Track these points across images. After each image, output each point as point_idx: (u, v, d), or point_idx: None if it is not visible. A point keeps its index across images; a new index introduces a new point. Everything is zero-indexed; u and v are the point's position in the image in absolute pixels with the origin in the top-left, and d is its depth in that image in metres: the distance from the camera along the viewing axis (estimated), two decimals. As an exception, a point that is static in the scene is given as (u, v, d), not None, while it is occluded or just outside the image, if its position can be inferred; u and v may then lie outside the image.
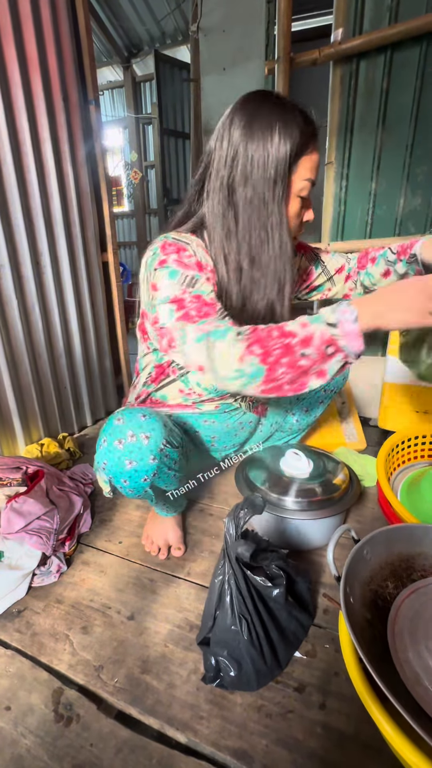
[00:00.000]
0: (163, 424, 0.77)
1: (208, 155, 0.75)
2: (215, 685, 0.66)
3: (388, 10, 1.36)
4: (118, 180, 4.83)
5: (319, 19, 2.60)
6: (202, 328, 0.66)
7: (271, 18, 1.78)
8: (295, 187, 0.72)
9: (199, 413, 0.96)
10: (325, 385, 0.99)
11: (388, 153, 1.49)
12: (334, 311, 0.58)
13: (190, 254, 0.73)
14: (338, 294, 1.02)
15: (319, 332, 0.58)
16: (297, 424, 1.11)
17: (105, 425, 0.77)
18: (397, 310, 0.57)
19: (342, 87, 1.49)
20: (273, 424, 1.13)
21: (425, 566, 0.69)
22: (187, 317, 0.68)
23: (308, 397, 1.05)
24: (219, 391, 0.91)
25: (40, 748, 0.60)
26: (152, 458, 0.73)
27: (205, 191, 0.77)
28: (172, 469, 0.80)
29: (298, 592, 0.75)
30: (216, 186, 0.73)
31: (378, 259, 0.91)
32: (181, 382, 0.90)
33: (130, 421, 0.73)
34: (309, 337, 0.58)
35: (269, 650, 0.66)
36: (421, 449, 1.16)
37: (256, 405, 1.07)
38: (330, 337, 0.57)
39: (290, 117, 0.68)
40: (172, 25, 3.88)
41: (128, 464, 0.72)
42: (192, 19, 2.24)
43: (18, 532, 0.87)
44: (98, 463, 0.76)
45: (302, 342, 0.58)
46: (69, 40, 1.32)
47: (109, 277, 1.67)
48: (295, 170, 0.71)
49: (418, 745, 0.43)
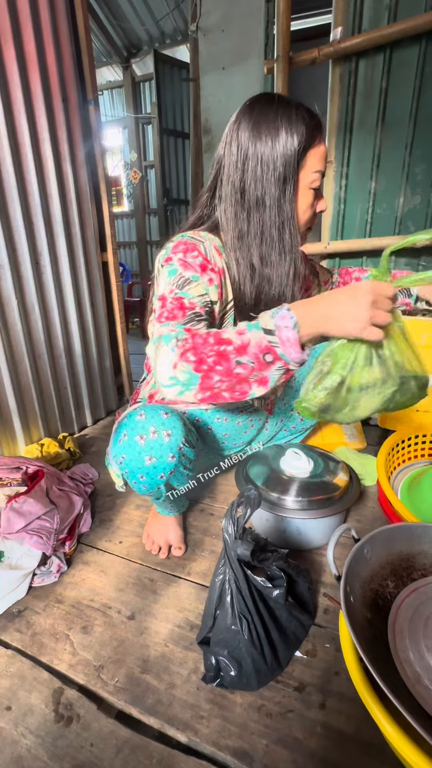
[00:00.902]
0: (183, 422, 0.78)
1: (218, 162, 0.77)
2: (215, 685, 0.66)
3: (387, 9, 1.36)
4: (117, 180, 4.83)
5: (318, 18, 2.60)
6: (160, 330, 0.67)
7: (270, 17, 1.78)
8: (306, 180, 0.73)
9: (213, 408, 0.96)
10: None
11: (388, 152, 1.49)
12: (273, 316, 0.57)
13: (196, 254, 0.73)
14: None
15: (255, 340, 0.56)
16: (301, 424, 1.11)
17: (125, 420, 0.78)
18: (339, 318, 0.55)
19: (341, 86, 1.48)
20: (278, 423, 1.13)
21: (426, 565, 0.69)
22: (159, 317, 0.69)
23: None
24: None
25: (41, 748, 0.60)
26: (171, 456, 0.74)
27: (216, 196, 0.79)
28: (187, 468, 0.80)
29: (298, 592, 0.75)
30: (228, 190, 0.75)
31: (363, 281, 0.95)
32: None
33: (152, 418, 0.74)
34: (245, 345, 0.57)
35: (270, 650, 0.66)
36: (421, 448, 1.16)
37: (266, 401, 1.07)
38: (267, 345, 0.56)
39: (294, 113, 0.70)
40: (171, 25, 3.88)
41: (147, 460, 0.73)
42: (191, 19, 2.24)
43: (18, 532, 0.87)
44: (116, 456, 0.77)
45: (238, 350, 0.57)
46: (68, 40, 1.32)
47: (108, 277, 1.67)
48: (303, 164, 0.72)
49: (419, 744, 0.43)
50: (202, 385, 0.59)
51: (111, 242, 1.62)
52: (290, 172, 0.71)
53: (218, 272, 0.76)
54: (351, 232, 1.63)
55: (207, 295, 0.72)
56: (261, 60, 1.66)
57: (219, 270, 0.76)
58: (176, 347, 0.61)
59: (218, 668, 0.66)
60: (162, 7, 3.69)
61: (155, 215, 4.54)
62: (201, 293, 0.71)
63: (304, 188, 0.74)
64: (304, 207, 0.75)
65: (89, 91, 1.45)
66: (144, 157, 4.59)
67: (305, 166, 0.72)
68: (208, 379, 0.58)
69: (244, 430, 1.05)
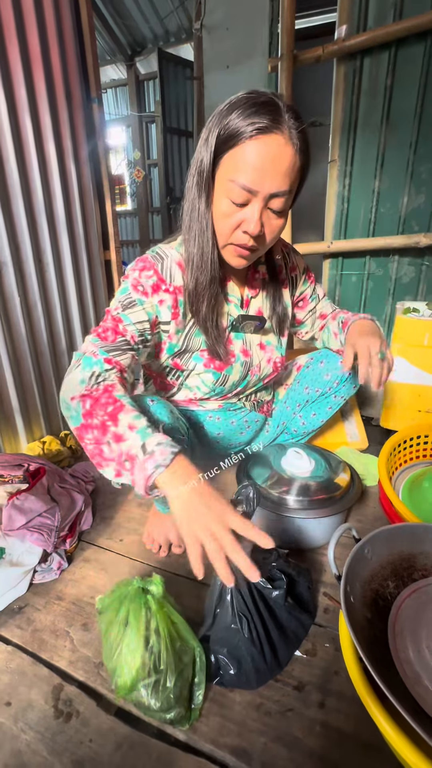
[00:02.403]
0: (170, 411, 0.80)
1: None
2: (215, 683, 0.66)
3: (392, 7, 1.35)
4: (120, 178, 4.83)
5: (322, 16, 2.59)
6: (88, 345, 0.70)
7: (275, 15, 1.77)
8: (221, 188, 0.68)
9: (203, 410, 0.97)
10: (335, 390, 1.01)
11: (392, 151, 1.48)
12: (160, 443, 0.57)
13: (151, 273, 0.76)
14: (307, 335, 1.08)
15: (130, 443, 0.58)
16: (303, 427, 1.11)
17: None
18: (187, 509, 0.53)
19: (345, 84, 1.48)
20: (279, 426, 1.13)
21: (426, 566, 0.69)
22: (95, 328, 0.73)
23: (316, 402, 1.05)
24: (218, 392, 0.92)
25: (40, 743, 0.60)
26: None
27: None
28: None
29: (298, 592, 0.75)
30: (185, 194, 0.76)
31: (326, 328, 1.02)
32: (185, 390, 0.93)
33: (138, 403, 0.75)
34: (120, 437, 0.59)
35: (269, 649, 0.66)
36: (423, 449, 1.16)
37: (261, 405, 1.07)
38: (131, 456, 0.57)
39: (228, 111, 0.65)
40: (175, 23, 3.87)
41: None
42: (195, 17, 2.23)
43: (19, 529, 0.87)
44: None
45: (114, 435, 0.59)
46: (72, 38, 1.32)
47: (111, 275, 1.67)
48: (218, 168, 0.68)
49: (418, 744, 0.43)
50: (79, 429, 0.64)
51: (114, 240, 1.62)
52: (204, 175, 0.69)
53: (174, 291, 0.77)
54: (354, 231, 1.63)
55: (147, 321, 0.75)
56: (265, 58, 1.66)
57: (176, 288, 0.77)
58: (86, 382, 0.65)
59: (218, 666, 0.66)
60: (166, 6, 3.68)
61: (158, 214, 4.54)
62: (140, 319, 0.75)
63: (219, 195, 0.69)
64: (219, 215, 0.70)
65: (93, 89, 1.45)
66: (147, 155, 4.59)
67: (218, 171, 0.68)
68: (84, 430, 0.63)
69: (240, 431, 1.05)
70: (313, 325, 1.05)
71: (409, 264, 1.57)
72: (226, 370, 0.88)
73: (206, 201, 0.72)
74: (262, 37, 1.92)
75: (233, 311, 0.87)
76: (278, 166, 0.63)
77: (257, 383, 0.98)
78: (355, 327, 0.90)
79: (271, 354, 0.95)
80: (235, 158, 0.65)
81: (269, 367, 0.95)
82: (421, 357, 1.28)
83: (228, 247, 0.74)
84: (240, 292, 0.88)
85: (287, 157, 0.64)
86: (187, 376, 0.90)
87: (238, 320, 0.85)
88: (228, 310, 0.87)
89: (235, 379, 0.91)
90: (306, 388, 1.05)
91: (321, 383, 1.02)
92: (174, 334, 0.81)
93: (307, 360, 1.08)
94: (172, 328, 0.80)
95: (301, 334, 1.09)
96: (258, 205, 0.66)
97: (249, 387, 0.97)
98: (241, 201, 0.67)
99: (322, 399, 1.04)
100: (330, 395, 1.03)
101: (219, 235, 0.73)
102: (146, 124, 4.53)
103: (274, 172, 0.64)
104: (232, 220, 0.69)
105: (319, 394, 1.03)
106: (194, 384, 0.91)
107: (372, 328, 0.88)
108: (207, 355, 0.86)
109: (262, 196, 0.65)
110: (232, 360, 0.89)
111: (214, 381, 0.88)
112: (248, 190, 0.65)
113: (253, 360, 0.92)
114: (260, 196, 0.65)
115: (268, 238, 0.72)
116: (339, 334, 0.97)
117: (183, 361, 0.87)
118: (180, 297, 0.78)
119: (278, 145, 0.63)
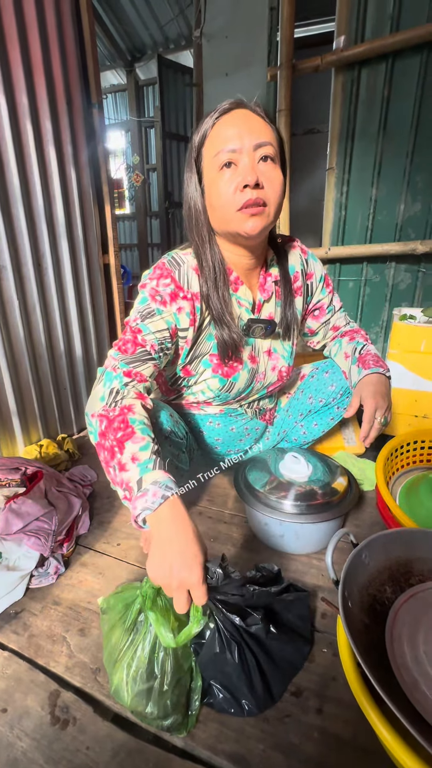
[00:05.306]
0: (169, 414, 0.81)
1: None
2: (204, 703, 0.64)
3: (389, 19, 1.38)
4: (119, 182, 4.85)
5: (321, 26, 2.63)
6: (109, 360, 0.74)
7: (274, 24, 1.80)
8: (210, 168, 0.72)
9: (204, 413, 0.97)
10: (339, 401, 1.02)
11: (389, 160, 1.50)
12: (155, 482, 0.58)
13: (168, 281, 0.77)
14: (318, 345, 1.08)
15: (129, 475, 0.61)
16: (304, 437, 1.11)
17: None
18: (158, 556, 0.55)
19: (343, 94, 1.50)
20: (279, 434, 1.13)
21: (423, 571, 0.69)
22: (117, 341, 0.76)
23: (319, 413, 1.06)
24: (222, 398, 0.92)
25: (36, 751, 0.60)
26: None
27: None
28: (176, 458, 0.81)
29: (287, 620, 0.70)
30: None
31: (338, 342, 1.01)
32: (188, 394, 0.94)
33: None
34: (123, 467, 0.62)
35: (260, 679, 0.63)
36: (419, 454, 1.16)
37: (263, 412, 1.07)
38: (129, 487, 0.60)
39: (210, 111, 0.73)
40: (175, 30, 3.91)
41: None
42: (195, 25, 2.26)
43: (16, 533, 0.87)
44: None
45: (119, 463, 0.62)
46: (73, 44, 1.34)
47: (110, 278, 1.68)
48: (203, 151, 0.73)
49: (416, 750, 0.43)
50: (97, 446, 0.68)
51: (113, 244, 1.63)
52: (192, 164, 0.75)
53: (191, 298, 0.78)
54: (352, 237, 1.65)
55: (166, 330, 0.77)
56: (264, 66, 1.68)
57: (193, 295, 0.78)
58: (106, 400, 0.68)
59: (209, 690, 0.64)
60: (166, 13, 3.72)
61: (157, 218, 4.56)
62: (160, 328, 0.76)
63: (211, 174, 0.72)
64: (217, 192, 0.71)
65: (93, 94, 1.46)
66: (146, 160, 4.61)
67: (205, 151, 0.73)
68: (100, 448, 0.67)
69: (239, 438, 1.05)
70: (325, 336, 1.04)
71: (405, 270, 1.59)
72: (232, 377, 0.89)
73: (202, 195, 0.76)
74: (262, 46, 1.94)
75: (244, 315, 0.87)
76: (250, 123, 0.70)
77: (261, 391, 0.97)
78: (369, 379, 0.88)
79: (276, 362, 0.94)
80: (211, 140, 0.71)
81: (274, 375, 0.95)
82: (417, 363, 1.29)
83: (236, 215, 0.71)
84: (252, 296, 0.87)
85: (256, 119, 0.70)
86: (194, 382, 0.91)
87: (248, 324, 0.86)
88: (240, 314, 0.87)
89: (241, 386, 0.91)
90: (310, 397, 1.05)
91: (325, 393, 1.02)
92: (191, 340, 0.82)
93: (312, 369, 1.08)
94: (190, 334, 0.81)
95: (313, 343, 1.07)
96: (247, 158, 0.69)
97: (252, 394, 0.97)
98: (229, 160, 0.70)
99: (325, 410, 1.05)
100: (333, 406, 1.03)
101: (225, 210, 0.72)
102: (145, 129, 4.55)
103: (249, 129, 0.69)
104: (231, 185, 0.70)
105: (323, 405, 1.04)
106: (199, 389, 0.92)
107: (385, 389, 0.87)
108: (216, 360, 0.86)
109: (246, 150, 0.69)
110: (239, 367, 0.89)
111: (219, 387, 0.89)
112: (231, 150, 0.69)
113: (259, 367, 0.93)
114: (245, 150, 0.69)
115: (269, 189, 0.71)
116: (351, 362, 0.95)
117: (193, 366, 0.88)
118: (197, 303, 0.79)
119: (244, 113, 0.70)
